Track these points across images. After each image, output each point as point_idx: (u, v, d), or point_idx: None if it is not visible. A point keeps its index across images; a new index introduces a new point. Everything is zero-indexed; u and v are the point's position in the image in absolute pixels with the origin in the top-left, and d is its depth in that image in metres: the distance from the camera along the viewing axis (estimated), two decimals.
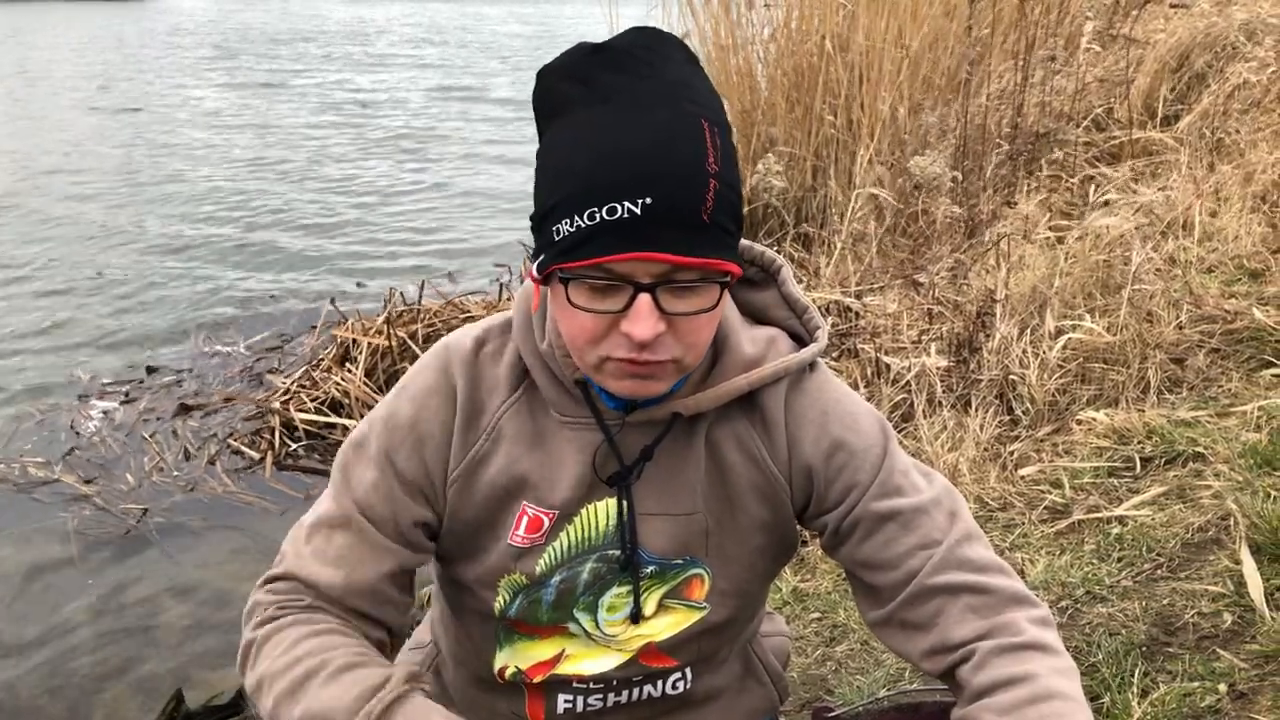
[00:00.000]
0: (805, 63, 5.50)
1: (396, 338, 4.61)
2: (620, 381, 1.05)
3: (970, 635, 1.09)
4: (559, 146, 1.01)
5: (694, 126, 0.98)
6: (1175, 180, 4.13)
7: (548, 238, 1.01)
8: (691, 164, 0.96)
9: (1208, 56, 5.23)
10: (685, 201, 0.96)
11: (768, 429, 1.18)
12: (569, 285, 1.01)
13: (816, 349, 1.19)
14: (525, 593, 1.22)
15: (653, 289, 0.99)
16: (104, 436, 4.47)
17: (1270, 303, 3.35)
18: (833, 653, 2.29)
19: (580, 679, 1.29)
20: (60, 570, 3.54)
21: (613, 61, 1.00)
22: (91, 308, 6.26)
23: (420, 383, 1.20)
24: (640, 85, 0.99)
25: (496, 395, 1.18)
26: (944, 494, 1.18)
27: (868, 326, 3.75)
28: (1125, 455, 2.74)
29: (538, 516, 1.18)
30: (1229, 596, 2.05)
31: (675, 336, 1.02)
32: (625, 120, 0.97)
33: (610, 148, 0.97)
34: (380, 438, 1.19)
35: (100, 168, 10.42)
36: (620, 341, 1.02)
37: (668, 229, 0.96)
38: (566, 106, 1.01)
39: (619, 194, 0.95)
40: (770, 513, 1.21)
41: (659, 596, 1.23)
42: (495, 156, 11.45)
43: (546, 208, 1.01)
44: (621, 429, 1.16)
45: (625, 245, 0.96)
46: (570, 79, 1.02)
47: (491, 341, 1.20)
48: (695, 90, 1.01)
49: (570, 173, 0.99)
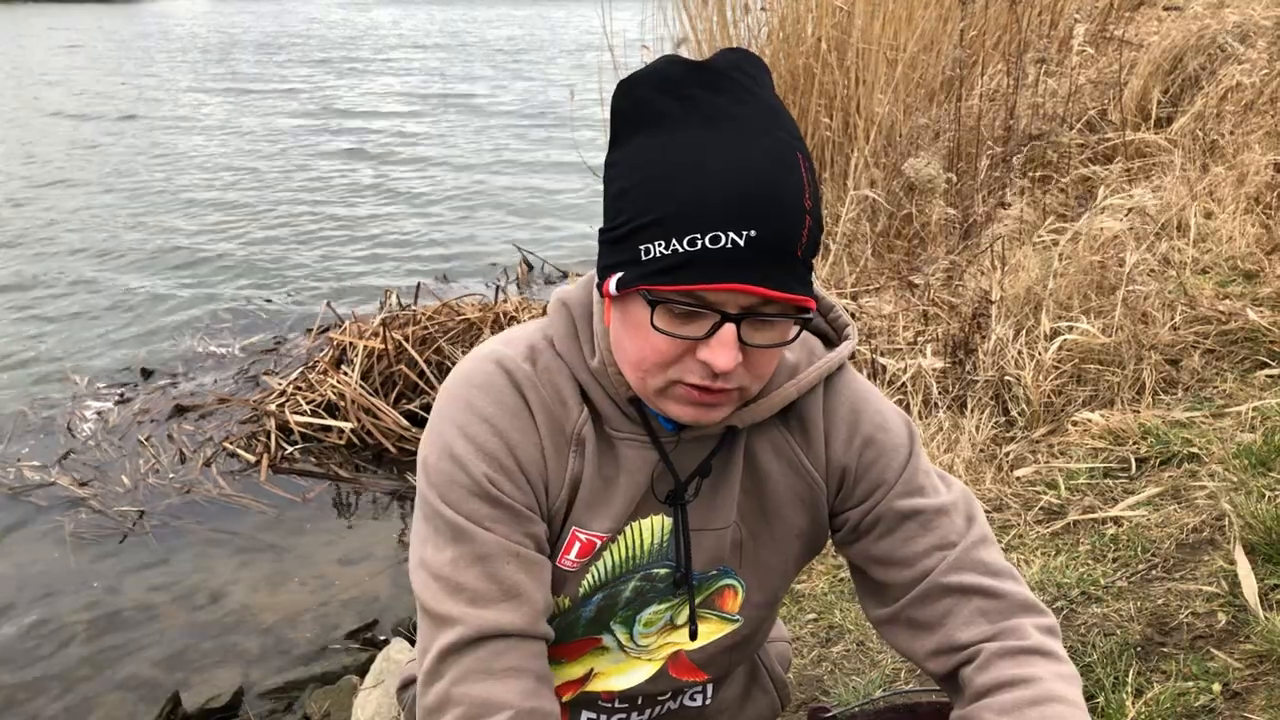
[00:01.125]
0: (800, 66, 5.50)
1: (392, 340, 4.61)
2: (683, 408, 1.04)
3: (977, 637, 1.10)
4: (653, 162, 0.98)
5: (792, 159, 0.97)
6: (1169, 182, 4.14)
7: (632, 254, 0.99)
8: (793, 199, 0.96)
9: (1201, 59, 5.25)
10: (785, 237, 0.95)
11: (806, 431, 1.17)
12: (655, 308, 0.99)
13: (850, 347, 1.19)
14: (563, 615, 1.18)
15: (739, 320, 0.98)
16: (99, 440, 4.47)
17: (1265, 303, 3.37)
18: (829, 653, 2.29)
19: (608, 696, 1.27)
20: (56, 573, 3.54)
21: (713, 83, 0.99)
22: (85, 310, 6.26)
23: (492, 403, 1.09)
24: (742, 110, 0.98)
25: (570, 411, 1.11)
26: (962, 498, 1.19)
27: (864, 328, 3.76)
28: (1120, 456, 2.75)
29: (590, 540, 1.14)
30: (1223, 597, 2.05)
31: (746, 367, 1.02)
32: (731, 147, 0.96)
33: (717, 175, 0.95)
34: (479, 463, 1.07)
35: (94, 173, 10.41)
36: (694, 368, 1.00)
37: (765, 263, 0.95)
38: (662, 121, 0.99)
39: (725, 224, 0.94)
40: (809, 519, 1.20)
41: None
42: (490, 160, 11.45)
43: (636, 224, 0.98)
44: (675, 447, 1.13)
45: (725, 276, 0.95)
46: (666, 94, 0.99)
47: (541, 357, 1.13)
48: (788, 119, 1.01)
49: (669, 194, 0.96)
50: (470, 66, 21.78)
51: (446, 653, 1.04)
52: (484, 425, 1.08)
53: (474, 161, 11.31)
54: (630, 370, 1.05)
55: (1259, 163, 4.09)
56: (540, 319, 1.18)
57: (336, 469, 4.21)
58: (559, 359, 1.13)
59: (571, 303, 1.15)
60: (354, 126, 13.49)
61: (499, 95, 16.80)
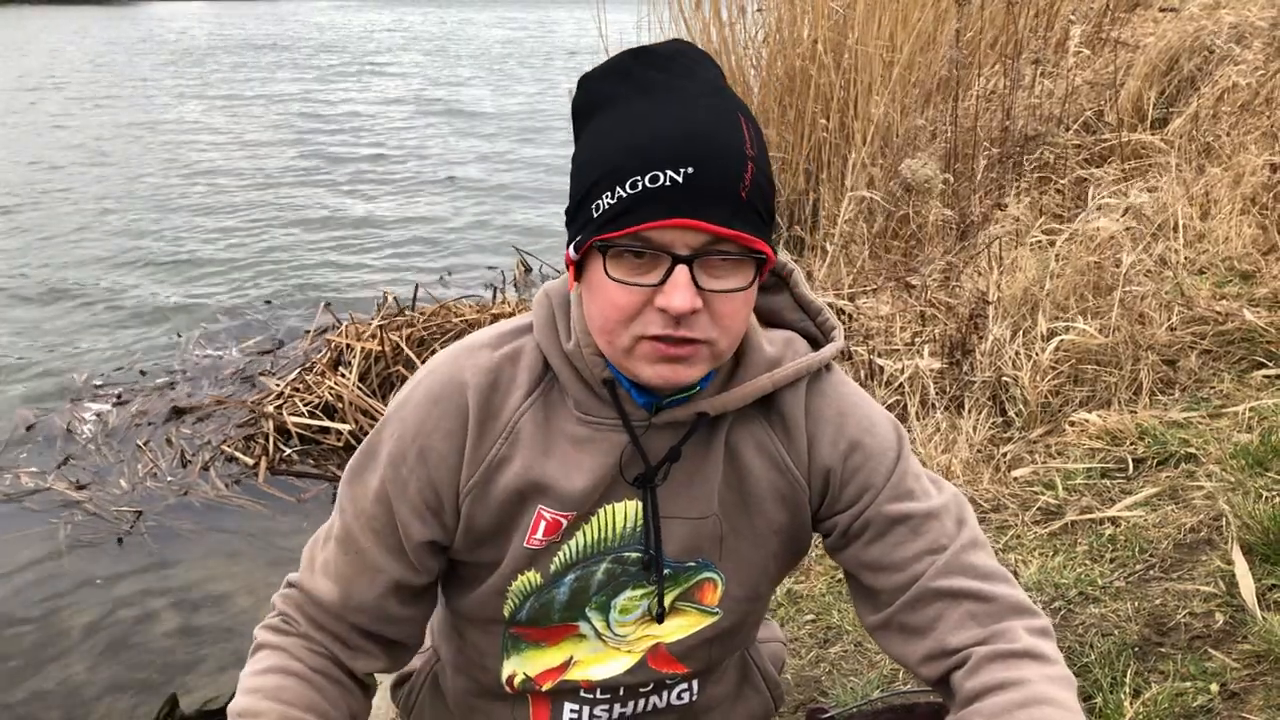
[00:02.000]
0: (797, 67, 5.51)
1: (390, 342, 4.61)
2: (653, 367, 1.04)
3: (968, 641, 1.10)
4: (602, 135, 1.03)
5: (732, 115, 1.02)
6: (1165, 182, 4.15)
7: (586, 217, 1.03)
8: (731, 142, 1.00)
9: (1197, 60, 5.25)
10: (726, 175, 0.98)
11: (788, 430, 1.17)
12: (607, 256, 1.01)
13: (835, 349, 1.20)
14: (537, 595, 1.20)
15: (690, 260, 0.99)
16: (98, 443, 4.46)
17: (1261, 304, 3.37)
18: (827, 654, 2.30)
19: (589, 686, 1.28)
20: (53, 576, 3.53)
21: (653, 63, 1.04)
22: (82, 311, 6.25)
23: (425, 391, 1.16)
24: (683, 83, 1.02)
25: (514, 396, 1.15)
26: (953, 501, 1.18)
27: (861, 329, 3.76)
28: (1118, 456, 2.75)
29: (555, 520, 1.16)
30: (1221, 597, 2.06)
31: (710, 317, 1.03)
32: (667, 105, 1.00)
33: (657, 124, 0.99)
34: (385, 453, 1.17)
35: (88, 176, 10.40)
36: (655, 318, 1.01)
37: (708, 200, 0.98)
38: (610, 102, 1.04)
39: (663, 164, 0.97)
40: (789, 516, 1.21)
41: (671, 599, 1.22)
42: (487, 162, 11.45)
43: (587, 189, 1.02)
44: (646, 430, 1.15)
45: (667, 212, 0.97)
46: (611, 78, 1.05)
47: (509, 343, 1.18)
48: (729, 92, 1.05)
49: (611, 152, 1.01)
50: (467, 69, 21.79)
51: (288, 584, 1.25)
52: (410, 412, 1.16)
53: (471, 163, 11.32)
54: (599, 336, 1.07)
55: (1255, 163, 4.09)
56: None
57: (335, 470, 4.21)
58: (530, 343, 1.17)
59: (552, 292, 1.18)
60: (350, 128, 13.49)
61: (497, 98, 16.81)
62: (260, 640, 1.21)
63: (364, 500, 1.18)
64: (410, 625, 1.24)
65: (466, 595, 1.25)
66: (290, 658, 1.18)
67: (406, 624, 1.23)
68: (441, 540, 1.19)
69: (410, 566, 1.19)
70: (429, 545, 1.19)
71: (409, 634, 1.25)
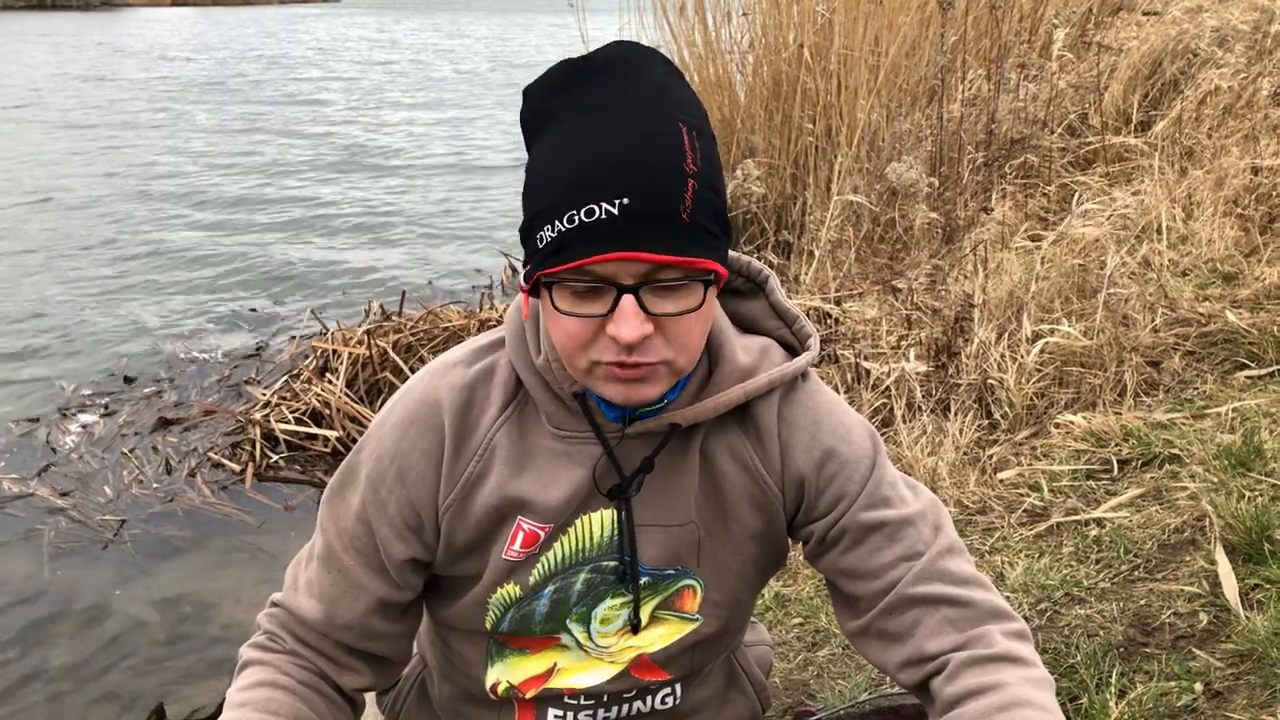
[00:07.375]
0: (783, 71, 5.52)
1: (377, 348, 4.60)
2: (613, 386, 1.04)
3: (945, 647, 1.10)
4: (542, 158, 1.02)
5: (671, 130, 0.98)
6: (1148, 185, 4.17)
7: (533, 247, 1.02)
8: (669, 165, 0.97)
9: (1180, 63, 5.29)
10: (663, 201, 0.96)
11: (761, 439, 1.18)
12: (553, 290, 1.01)
13: (809, 358, 1.19)
14: (517, 606, 1.21)
15: (635, 290, 0.98)
16: (82, 452, 4.44)
17: (1244, 305, 3.39)
18: (814, 657, 2.30)
19: (572, 693, 1.28)
20: (37, 584, 3.51)
21: (592, 74, 1.01)
22: (68, 318, 6.22)
23: (401, 412, 1.17)
24: (617, 95, 1.00)
25: (489, 413, 1.16)
26: (929, 507, 1.18)
27: (847, 332, 3.77)
28: (1103, 458, 2.77)
29: (533, 531, 1.16)
30: (1205, 597, 2.07)
31: (665, 339, 1.02)
32: (601, 127, 0.98)
33: (588, 153, 0.97)
34: (364, 474, 1.18)
35: (74, 182, 10.35)
36: (607, 345, 1.01)
37: (647, 229, 0.96)
38: (548, 119, 1.02)
39: (596, 196, 0.95)
40: (764, 523, 1.21)
41: (651, 607, 1.22)
42: (474, 167, 11.44)
43: (530, 219, 1.01)
44: (620, 441, 1.15)
45: (604, 246, 0.96)
46: (551, 93, 1.03)
47: (482, 359, 1.18)
48: (673, 97, 1.02)
49: (549, 181, 0.99)
50: (455, 75, 21.78)
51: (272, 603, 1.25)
52: (389, 431, 1.17)
53: (457, 168, 11.31)
54: (562, 358, 1.07)
55: (1237, 166, 4.12)
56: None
57: (322, 476, 4.20)
58: (504, 359, 1.17)
59: (520, 302, 1.18)
60: (337, 134, 13.47)
61: (482, 103, 16.80)
62: (247, 658, 1.21)
63: (345, 519, 1.19)
64: (396, 641, 1.24)
65: (449, 607, 1.26)
66: (278, 672, 1.18)
67: (392, 640, 1.23)
68: (423, 558, 1.20)
69: (393, 584, 1.19)
70: (411, 563, 1.19)
71: (395, 650, 1.24)
